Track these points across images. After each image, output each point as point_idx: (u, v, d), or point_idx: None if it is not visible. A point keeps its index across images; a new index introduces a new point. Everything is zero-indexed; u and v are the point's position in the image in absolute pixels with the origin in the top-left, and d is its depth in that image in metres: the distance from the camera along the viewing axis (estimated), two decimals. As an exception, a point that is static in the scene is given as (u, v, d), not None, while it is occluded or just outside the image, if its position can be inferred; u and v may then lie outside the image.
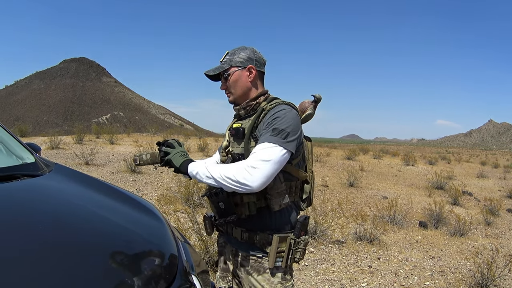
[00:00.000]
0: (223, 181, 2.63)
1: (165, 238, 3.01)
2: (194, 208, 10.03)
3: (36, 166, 3.67)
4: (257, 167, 2.57)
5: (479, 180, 28.59)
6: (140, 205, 3.55)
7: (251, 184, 2.56)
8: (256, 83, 3.07)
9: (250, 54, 3.05)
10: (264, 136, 2.72)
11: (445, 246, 9.86)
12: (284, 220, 2.94)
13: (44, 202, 3.03)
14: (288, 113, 2.84)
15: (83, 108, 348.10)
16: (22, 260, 2.06)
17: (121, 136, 34.34)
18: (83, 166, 15.77)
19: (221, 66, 3.06)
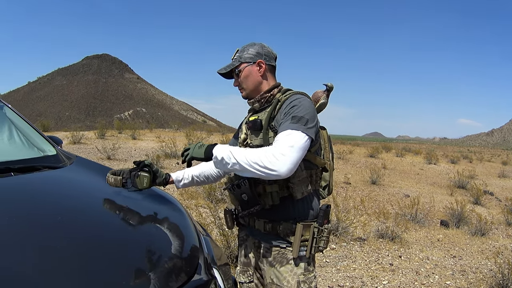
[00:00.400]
0: (249, 167, 2.57)
1: (187, 230, 3.02)
2: (216, 203, 10.03)
3: (57, 158, 3.74)
4: (284, 153, 2.51)
5: (501, 179, 28.39)
6: (162, 197, 3.57)
7: (279, 170, 2.49)
8: (267, 76, 3.09)
9: (259, 49, 3.08)
10: (285, 124, 2.71)
11: (466, 246, 9.79)
12: (306, 209, 2.93)
13: (64, 193, 3.09)
14: (304, 101, 2.85)
15: (106, 104, 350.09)
16: (44, 251, 2.10)
17: (143, 131, 34.46)
18: (105, 160, 15.86)
19: (232, 64, 3.09)
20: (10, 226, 2.29)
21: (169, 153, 17.86)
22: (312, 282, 2.96)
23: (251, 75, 3.03)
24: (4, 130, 3.89)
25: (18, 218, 2.41)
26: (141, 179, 3.11)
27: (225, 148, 2.72)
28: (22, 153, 3.72)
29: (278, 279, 2.92)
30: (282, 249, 2.92)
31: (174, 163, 16.56)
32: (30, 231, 2.28)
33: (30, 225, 2.35)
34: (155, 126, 50.53)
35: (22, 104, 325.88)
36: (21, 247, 2.08)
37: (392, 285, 6.79)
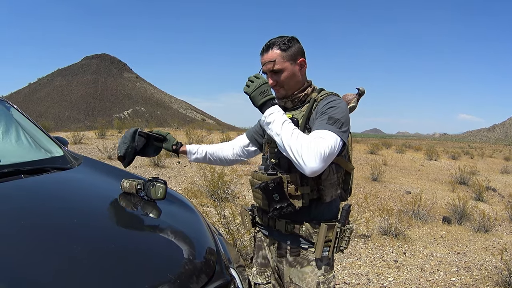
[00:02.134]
0: (287, 148, 2.57)
1: (202, 231, 3.02)
2: (219, 202, 10.02)
3: (65, 159, 3.73)
4: (323, 153, 2.47)
5: (503, 175, 28.34)
6: (174, 198, 3.55)
7: (310, 167, 2.48)
8: (304, 75, 3.02)
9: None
10: (320, 123, 2.67)
11: (469, 242, 9.80)
12: (329, 210, 2.93)
13: (77, 195, 3.07)
14: (341, 104, 2.81)
15: (105, 104, 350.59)
16: (59, 257, 2.09)
17: (143, 131, 34.40)
18: (106, 160, 15.81)
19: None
20: (26, 230, 2.27)
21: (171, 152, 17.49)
22: (331, 282, 2.94)
23: (294, 76, 2.93)
24: (11, 131, 3.88)
25: (33, 222, 2.39)
26: (156, 189, 3.08)
27: (278, 116, 2.68)
28: (30, 155, 3.71)
29: (298, 279, 2.90)
30: (303, 250, 2.89)
31: (175, 162, 16.61)
32: (47, 235, 2.28)
33: (45, 229, 2.35)
34: (155, 125, 50.60)
35: (23, 105, 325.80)
36: (40, 251, 2.07)
37: (398, 282, 6.79)
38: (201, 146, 3.42)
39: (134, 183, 3.11)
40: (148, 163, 15.49)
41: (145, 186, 3.10)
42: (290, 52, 2.89)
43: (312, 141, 2.52)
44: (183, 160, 17.07)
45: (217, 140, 25.31)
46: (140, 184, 3.11)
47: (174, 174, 14.24)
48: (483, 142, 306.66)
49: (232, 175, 11.77)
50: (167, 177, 13.68)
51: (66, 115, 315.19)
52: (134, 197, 3.15)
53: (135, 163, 15.66)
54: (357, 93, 3.20)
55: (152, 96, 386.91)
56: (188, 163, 16.56)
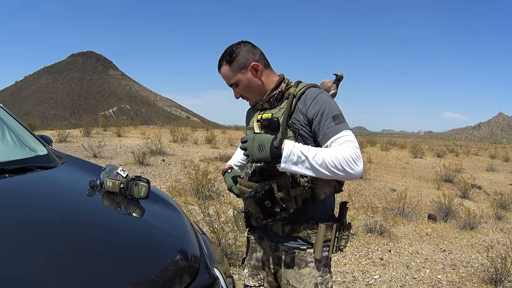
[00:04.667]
0: (327, 171, 2.43)
1: (185, 231, 2.97)
2: (204, 200, 9.96)
3: (49, 158, 3.70)
4: (359, 156, 2.48)
5: (489, 173, 28.42)
6: (158, 197, 3.51)
7: (359, 173, 2.46)
8: (266, 75, 2.89)
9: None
10: (329, 126, 2.62)
11: (455, 240, 9.83)
12: (326, 208, 2.86)
13: (59, 194, 3.06)
14: (327, 96, 2.76)
15: (90, 101, 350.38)
16: (42, 255, 2.06)
17: (128, 128, 34.39)
18: (91, 158, 15.69)
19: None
20: (7, 228, 2.25)
21: (155, 150, 17.76)
22: (329, 283, 2.89)
23: (251, 83, 2.84)
24: (-3, 130, 3.86)
25: (16, 221, 2.37)
26: (139, 188, 3.03)
27: (293, 147, 2.48)
28: (14, 154, 3.68)
29: (295, 281, 2.83)
30: (302, 251, 2.83)
31: (160, 160, 16.50)
32: (28, 234, 2.24)
33: (27, 228, 2.32)
34: (140, 123, 50.58)
35: (10, 103, 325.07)
36: (20, 250, 2.04)
37: (384, 279, 6.78)
38: (231, 163, 3.44)
39: (117, 182, 3.08)
40: (133, 161, 15.41)
41: (128, 185, 3.06)
42: (236, 63, 2.82)
43: (347, 150, 2.48)
44: (168, 158, 17.02)
45: (201, 138, 25.43)
46: (123, 183, 3.07)
47: (158, 172, 14.17)
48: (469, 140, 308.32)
49: (216, 173, 11.71)
50: (151, 175, 13.62)
51: (52, 113, 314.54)
52: (117, 196, 3.11)
53: (119, 161, 15.70)
54: (336, 79, 3.16)
55: (137, 93, 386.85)
56: (173, 161, 16.50)
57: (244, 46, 2.86)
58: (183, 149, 20.96)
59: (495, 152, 60.69)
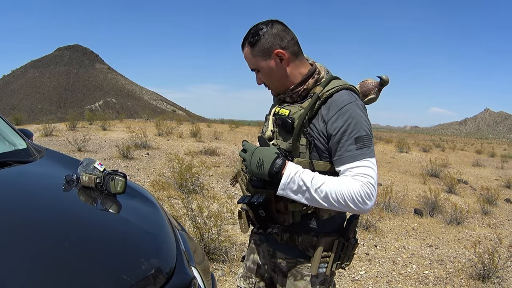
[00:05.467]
0: (331, 205, 2.21)
1: (162, 227, 2.85)
2: (188, 194, 9.85)
3: (28, 152, 3.64)
4: (374, 192, 2.20)
5: (475, 168, 28.55)
6: (134, 191, 3.38)
7: (367, 210, 2.23)
8: (294, 65, 2.49)
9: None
10: (349, 153, 2.28)
11: (442, 235, 9.78)
12: (330, 222, 2.54)
13: (34, 190, 2.97)
14: (358, 108, 2.35)
15: (76, 95, 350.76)
16: (11, 253, 1.97)
17: (113, 122, 34.38)
18: (76, 152, 15.61)
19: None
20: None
21: (139, 144, 17.65)
22: None
23: (273, 73, 2.47)
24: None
25: None
26: (116, 183, 2.89)
27: (295, 174, 2.24)
28: (-6, 148, 3.61)
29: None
30: (299, 262, 2.57)
31: (144, 154, 16.39)
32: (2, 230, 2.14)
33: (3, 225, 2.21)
34: (125, 117, 50.55)
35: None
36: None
37: (370, 275, 6.69)
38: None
39: (93, 176, 2.96)
40: (118, 155, 15.28)
41: (105, 180, 2.94)
42: (259, 47, 2.45)
43: (355, 186, 2.19)
44: (152, 152, 16.91)
45: (186, 132, 25.39)
46: (99, 178, 2.95)
47: (143, 166, 14.05)
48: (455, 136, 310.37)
49: (201, 167, 11.60)
50: (136, 169, 13.51)
51: (39, 107, 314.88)
52: (93, 191, 2.99)
53: (104, 155, 15.59)
54: (379, 82, 2.75)
55: (123, 87, 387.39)
56: (157, 155, 16.38)
57: (272, 27, 2.46)
58: (168, 142, 20.86)
59: (481, 147, 61.06)
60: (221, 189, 11.64)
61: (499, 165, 32.51)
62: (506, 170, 29.46)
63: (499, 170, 29.28)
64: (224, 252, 6.32)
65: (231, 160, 15.27)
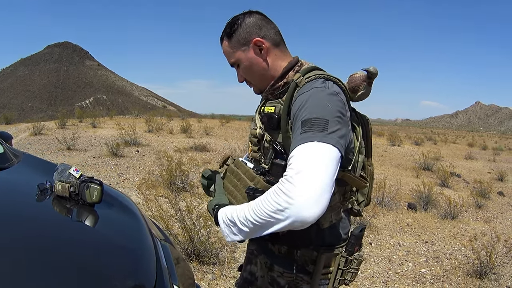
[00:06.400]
0: (256, 227, 1.86)
1: (142, 240, 2.60)
2: (177, 192, 9.66)
3: (4, 157, 3.43)
4: (300, 185, 1.69)
5: (467, 161, 28.62)
6: (114, 199, 3.12)
7: (302, 214, 1.67)
8: (275, 56, 2.27)
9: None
10: (295, 136, 1.93)
11: (437, 230, 9.68)
12: (333, 234, 2.26)
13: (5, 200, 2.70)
14: (324, 93, 2.01)
15: (67, 93, 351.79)
16: None
17: (103, 119, 34.20)
18: (65, 151, 15.48)
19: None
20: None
21: (129, 141, 17.52)
22: None
23: (253, 65, 2.25)
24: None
25: None
26: (91, 192, 2.62)
27: (224, 214, 2.04)
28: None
29: None
30: (298, 278, 2.27)
31: (134, 151, 16.24)
32: None
33: None
34: (116, 113, 50.42)
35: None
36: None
37: (365, 275, 6.55)
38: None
39: (67, 185, 2.70)
40: (107, 153, 15.07)
41: (79, 188, 2.68)
42: (237, 38, 2.25)
43: (272, 189, 1.82)
44: (142, 149, 16.74)
45: (176, 127, 25.29)
46: (74, 186, 2.69)
47: (132, 164, 13.88)
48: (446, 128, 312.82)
49: (190, 164, 11.44)
50: (125, 167, 13.35)
51: (29, 105, 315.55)
52: (68, 201, 2.74)
53: (93, 153, 15.38)
54: (367, 75, 2.35)
55: (113, 83, 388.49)
56: (147, 152, 16.24)
57: (250, 17, 2.27)
58: (158, 139, 20.74)
59: (473, 140, 61.33)
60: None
61: (491, 158, 32.61)
62: (498, 163, 29.61)
63: (491, 163, 29.39)
64: (214, 254, 6.13)
65: (222, 156, 15.10)
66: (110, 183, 10.70)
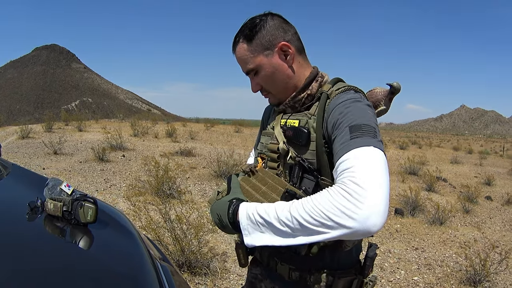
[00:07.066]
0: (305, 232, 1.54)
1: (142, 264, 2.31)
2: (165, 199, 9.50)
3: None
4: (370, 190, 1.46)
5: (453, 166, 28.75)
6: (109, 218, 2.86)
7: (368, 222, 1.42)
8: (299, 64, 2.06)
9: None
10: (343, 141, 1.70)
11: (426, 236, 9.66)
12: (348, 257, 2.02)
13: None
14: (361, 103, 1.85)
15: (53, 95, 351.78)
16: None
17: (89, 122, 34.04)
18: (52, 155, 15.39)
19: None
20: None
21: (115, 145, 17.42)
22: None
23: (276, 72, 2.00)
24: None
25: None
26: (85, 211, 2.37)
27: (251, 211, 1.70)
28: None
29: None
30: None
31: (120, 156, 16.17)
32: None
33: None
34: (101, 116, 50.41)
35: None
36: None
37: (357, 284, 6.47)
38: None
39: (59, 204, 2.45)
40: (93, 157, 14.95)
41: (73, 207, 2.43)
42: (259, 41, 1.98)
43: (333, 189, 1.53)
44: (128, 154, 16.67)
45: (161, 131, 25.25)
46: (66, 205, 2.44)
47: (119, 169, 13.76)
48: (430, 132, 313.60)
49: (177, 170, 11.33)
50: (111, 172, 13.22)
51: (17, 108, 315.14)
52: (61, 220, 2.48)
53: (79, 158, 15.26)
54: (390, 90, 2.27)
55: (99, 86, 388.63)
56: (133, 157, 16.16)
57: (272, 19, 2.02)
58: (144, 143, 20.66)
59: (458, 144, 61.66)
60: (198, 192, 11.40)
61: (477, 162, 32.71)
62: (485, 167, 29.73)
63: (477, 167, 29.50)
64: (206, 265, 6.01)
65: (208, 161, 15.04)
66: (97, 189, 10.65)
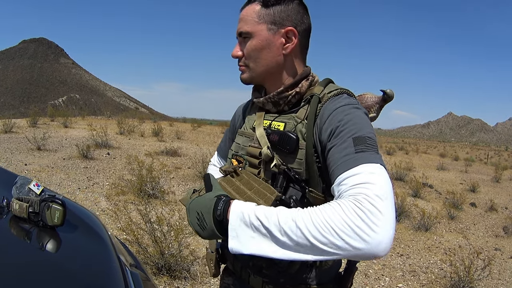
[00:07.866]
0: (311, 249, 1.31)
1: (109, 271, 2.14)
2: (147, 198, 9.37)
3: None
4: (383, 211, 1.30)
5: (440, 172, 28.85)
6: (79, 220, 2.64)
7: (379, 245, 1.25)
8: (295, 59, 1.91)
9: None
10: (345, 153, 1.53)
11: (411, 242, 9.66)
12: (329, 273, 1.89)
13: None
14: (360, 111, 1.69)
15: (40, 90, 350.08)
16: None
17: (75, 119, 33.84)
18: (35, 151, 15.12)
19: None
20: None
21: (100, 143, 17.20)
22: None
23: (267, 50, 1.84)
24: None
25: None
26: (52, 213, 2.18)
27: (246, 209, 1.42)
28: None
29: None
30: None
31: (105, 153, 16.01)
32: None
33: None
34: (88, 113, 50.20)
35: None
36: None
37: (340, 291, 6.38)
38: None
39: (25, 204, 2.27)
40: (77, 154, 14.78)
41: (39, 208, 2.25)
42: (272, 11, 1.82)
43: (346, 203, 1.33)
44: (113, 152, 16.48)
45: (148, 130, 25.16)
46: (33, 206, 2.26)
47: (103, 167, 13.62)
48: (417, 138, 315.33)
49: (161, 170, 11.21)
50: (95, 170, 13.08)
51: (1, 101, 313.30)
52: (28, 222, 2.29)
53: (63, 155, 15.09)
54: (383, 97, 2.14)
55: (87, 83, 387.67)
56: (118, 155, 15.99)
57: (298, 4, 1.87)
58: (129, 141, 20.49)
59: (444, 150, 62.04)
60: (182, 193, 11.26)
61: (463, 169, 32.86)
62: (470, 174, 29.88)
63: (463, 173, 29.64)
64: (186, 269, 5.89)
65: (193, 161, 14.89)
66: (79, 187, 10.48)
